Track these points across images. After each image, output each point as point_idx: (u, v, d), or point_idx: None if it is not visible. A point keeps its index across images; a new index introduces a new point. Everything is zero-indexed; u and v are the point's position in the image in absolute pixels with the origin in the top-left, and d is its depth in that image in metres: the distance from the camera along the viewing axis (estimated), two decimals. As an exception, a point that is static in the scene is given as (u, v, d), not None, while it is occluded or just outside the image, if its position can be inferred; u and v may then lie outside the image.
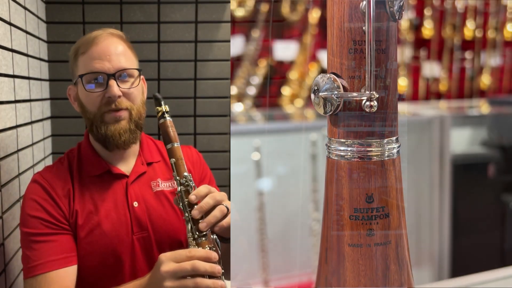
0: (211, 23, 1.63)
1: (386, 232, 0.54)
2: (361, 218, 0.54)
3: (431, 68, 2.55)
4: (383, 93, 0.53)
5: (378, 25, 0.52)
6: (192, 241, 0.80)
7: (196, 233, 0.81)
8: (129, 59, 0.94)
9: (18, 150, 1.21)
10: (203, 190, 0.83)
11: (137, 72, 0.96)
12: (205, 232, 0.81)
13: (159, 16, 1.61)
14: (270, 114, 2.16)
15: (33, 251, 0.87)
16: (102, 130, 0.92)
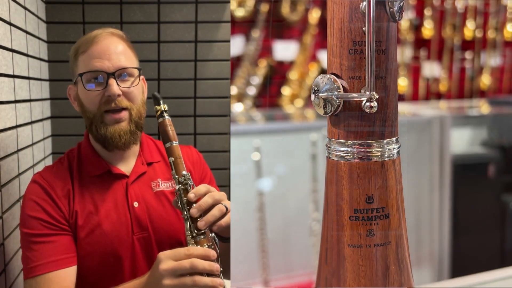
0: (211, 23, 1.63)
1: (386, 233, 0.54)
2: (361, 219, 0.54)
3: (431, 68, 2.55)
4: (383, 94, 0.53)
5: (378, 26, 0.52)
6: (191, 239, 0.81)
7: (194, 232, 0.81)
8: (129, 58, 0.94)
9: (18, 150, 1.21)
10: (202, 189, 0.83)
11: (137, 72, 0.96)
12: (204, 231, 0.81)
13: (159, 16, 1.61)
14: (270, 114, 2.16)
15: (33, 251, 0.87)
16: (101, 130, 0.92)
